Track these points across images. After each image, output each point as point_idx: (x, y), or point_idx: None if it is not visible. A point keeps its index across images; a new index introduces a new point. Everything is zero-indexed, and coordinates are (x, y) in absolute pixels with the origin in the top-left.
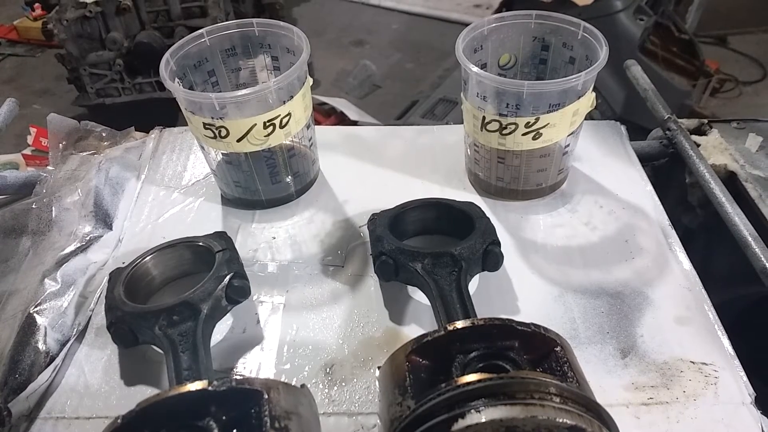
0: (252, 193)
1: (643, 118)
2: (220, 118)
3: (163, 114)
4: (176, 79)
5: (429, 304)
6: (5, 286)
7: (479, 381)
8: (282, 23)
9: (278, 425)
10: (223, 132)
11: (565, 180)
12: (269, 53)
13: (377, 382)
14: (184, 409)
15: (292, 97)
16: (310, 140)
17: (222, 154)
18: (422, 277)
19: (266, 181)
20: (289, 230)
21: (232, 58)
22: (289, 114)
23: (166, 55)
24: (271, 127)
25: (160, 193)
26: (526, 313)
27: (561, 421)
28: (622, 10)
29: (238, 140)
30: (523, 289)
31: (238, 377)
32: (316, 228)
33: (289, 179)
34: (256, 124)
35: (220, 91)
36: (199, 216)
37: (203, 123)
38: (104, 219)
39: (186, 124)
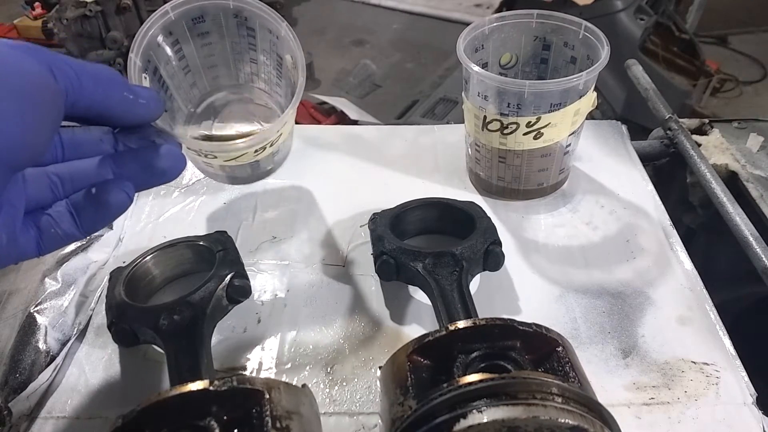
0: None
1: (643, 118)
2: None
3: None
4: (143, 74)
5: (430, 303)
6: (5, 286)
7: (481, 381)
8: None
9: (280, 425)
10: (211, 156)
11: (566, 180)
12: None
13: (378, 382)
14: (185, 409)
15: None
16: None
17: None
18: (423, 276)
19: None
20: (289, 230)
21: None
22: (279, 134)
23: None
24: (261, 149)
25: (160, 192)
26: (528, 313)
27: (563, 421)
28: (623, 10)
29: (226, 160)
30: (524, 288)
31: (239, 377)
32: (316, 228)
33: None
34: (246, 153)
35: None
36: (200, 215)
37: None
38: None
39: None
